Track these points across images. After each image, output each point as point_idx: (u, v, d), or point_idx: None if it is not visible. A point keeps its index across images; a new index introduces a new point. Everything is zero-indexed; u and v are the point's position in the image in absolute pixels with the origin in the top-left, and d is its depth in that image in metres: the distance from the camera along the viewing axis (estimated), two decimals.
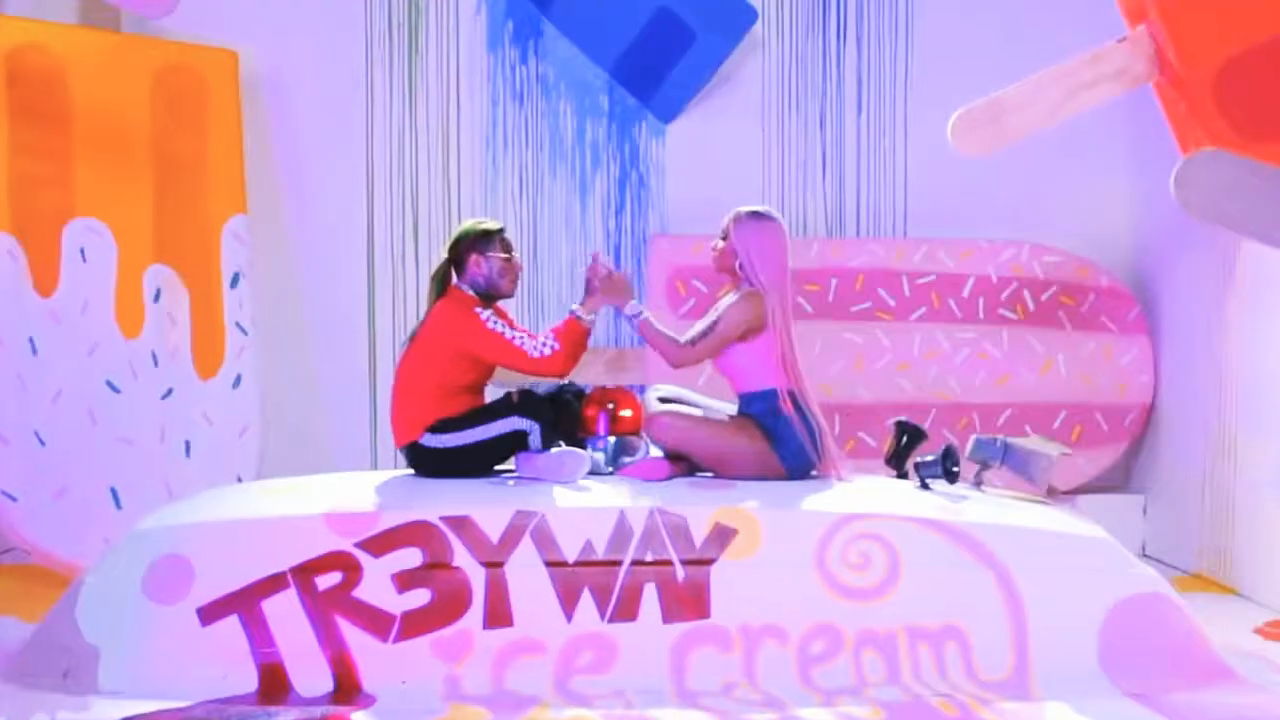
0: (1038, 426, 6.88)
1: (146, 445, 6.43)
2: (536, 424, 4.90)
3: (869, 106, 7.17)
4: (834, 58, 7.17)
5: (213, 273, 6.71)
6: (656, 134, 7.13)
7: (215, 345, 6.67)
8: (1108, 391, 6.93)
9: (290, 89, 7.04)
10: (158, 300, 6.54)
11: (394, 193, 7.09)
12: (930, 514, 4.68)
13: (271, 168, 7.01)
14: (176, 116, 6.71)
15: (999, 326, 6.94)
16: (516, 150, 7.12)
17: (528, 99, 7.13)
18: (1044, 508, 4.96)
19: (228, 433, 6.62)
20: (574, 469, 4.85)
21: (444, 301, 5.06)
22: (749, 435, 4.93)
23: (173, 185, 6.65)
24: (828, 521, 4.61)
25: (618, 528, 4.59)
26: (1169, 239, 6.94)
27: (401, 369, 5.08)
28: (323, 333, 7.01)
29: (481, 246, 5.08)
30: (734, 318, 4.95)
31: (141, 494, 6.36)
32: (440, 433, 4.94)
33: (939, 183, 7.12)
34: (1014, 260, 6.96)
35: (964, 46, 7.12)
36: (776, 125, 7.16)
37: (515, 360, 4.93)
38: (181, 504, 4.94)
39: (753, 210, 5.14)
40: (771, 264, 5.01)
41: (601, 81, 7.12)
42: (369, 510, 4.63)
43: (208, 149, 6.78)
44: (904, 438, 5.22)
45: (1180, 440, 6.84)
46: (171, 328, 6.58)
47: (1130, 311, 6.96)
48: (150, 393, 6.47)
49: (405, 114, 7.10)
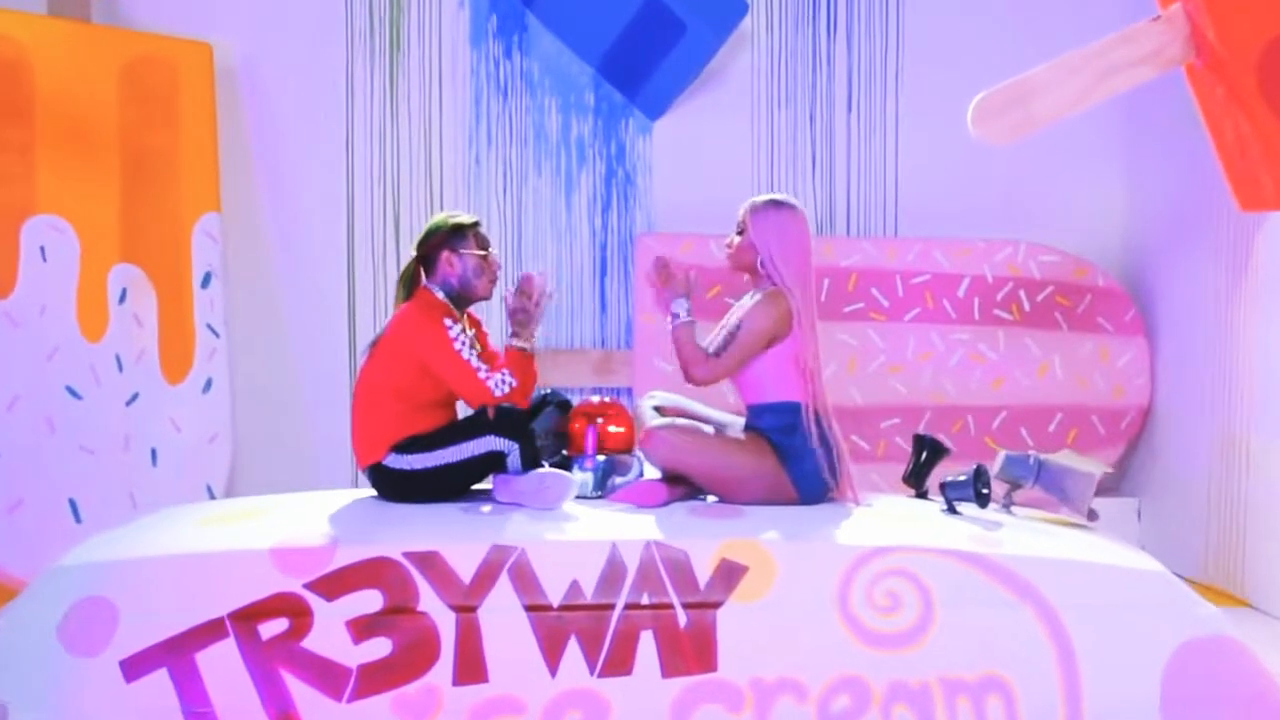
0: (1033, 429, 5.68)
1: (109, 454, 5.17)
2: (515, 444, 3.65)
3: (860, 103, 5.94)
4: (824, 53, 5.94)
5: (183, 272, 5.45)
6: (643, 131, 5.89)
7: (184, 348, 5.41)
8: (1104, 394, 5.72)
9: (268, 83, 5.77)
10: (123, 301, 5.27)
11: (375, 190, 5.83)
12: (965, 545, 3.45)
13: (248, 164, 5.75)
14: (147, 110, 5.44)
15: (994, 327, 5.72)
16: (500, 147, 5.87)
17: (512, 95, 5.88)
18: (1088, 535, 3.73)
19: (197, 440, 5.36)
20: (558, 493, 3.60)
21: (410, 305, 3.81)
22: (760, 454, 3.69)
23: (141, 181, 5.38)
24: (851, 556, 3.38)
25: (609, 565, 3.35)
26: (1164, 239, 5.73)
27: (362, 381, 3.83)
28: (300, 335, 5.73)
29: (454, 242, 3.84)
30: (759, 323, 3.72)
31: (103, 506, 5.11)
32: (406, 453, 3.70)
33: (931, 180, 5.90)
34: (1010, 260, 5.74)
35: (956, 42, 5.90)
36: (766, 122, 5.92)
37: (476, 394, 3.73)
38: (107, 536, 3.63)
39: (772, 199, 3.90)
40: (795, 258, 3.79)
41: (587, 77, 5.87)
42: (322, 544, 3.38)
43: (180, 144, 5.50)
44: (924, 453, 4.00)
45: (1180, 443, 5.64)
46: (138, 330, 5.32)
47: (1127, 312, 5.75)
48: (114, 399, 5.21)
49: (386, 110, 5.83)
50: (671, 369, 5.63)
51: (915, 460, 3.99)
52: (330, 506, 3.71)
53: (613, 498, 3.70)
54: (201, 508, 3.83)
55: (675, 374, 5.55)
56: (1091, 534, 3.74)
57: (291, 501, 3.84)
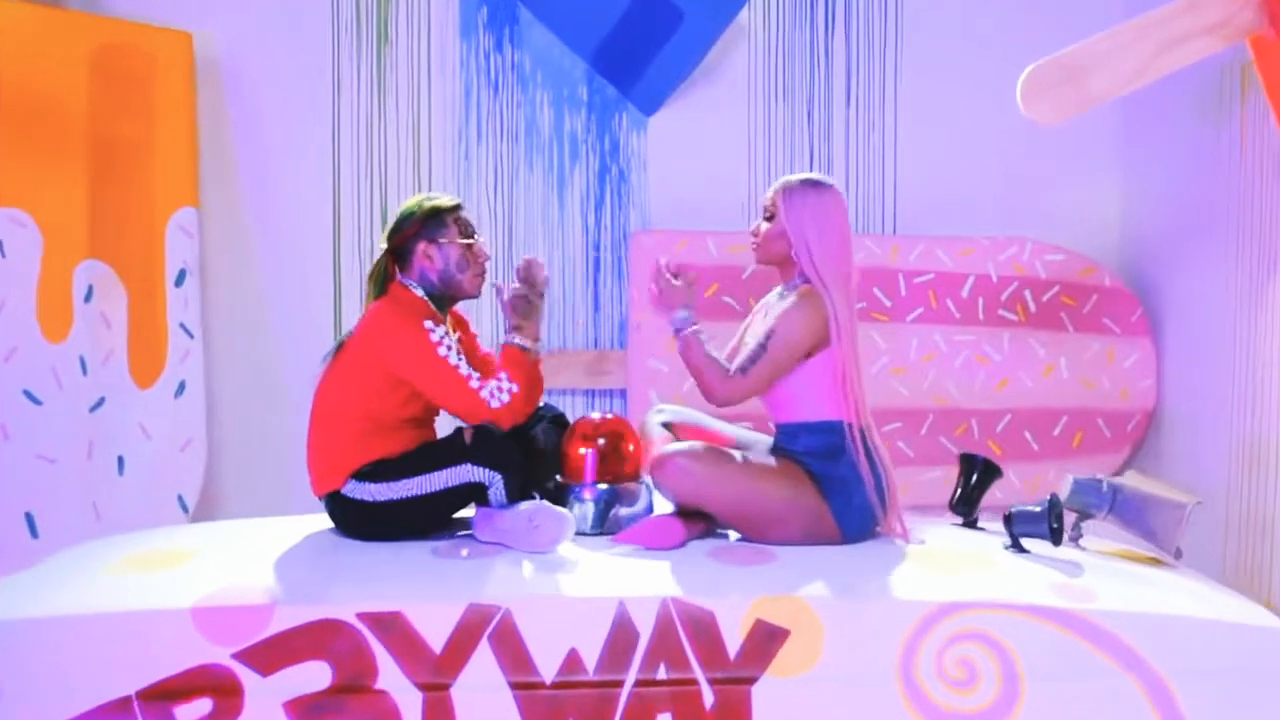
0: (1038, 433, 4.57)
1: (71, 463, 3.99)
2: (499, 474, 2.51)
3: (859, 97, 4.80)
4: (822, 48, 4.79)
5: (155, 269, 4.27)
6: (638, 126, 4.74)
7: (156, 349, 4.23)
8: (1110, 396, 4.60)
9: (251, 75, 4.58)
10: (89, 300, 4.09)
11: (361, 186, 4.65)
12: (1052, 599, 2.33)
13: (229, 158, 4.56)
14: (120, 100, 4.25)
15: (999, 328, 4.59)
16: (491, 142, 4.70)
17: (502, 89, 4.71)
18: (1181, 578, 2.60)
19: (168, 447, 4.18)
20: (552, 533, 2.45)
21: (381, 304, 2.65)
22: (796, 484, 2.54)
23: (112, 174, 4.19)
24: (916, 615, 2.25)
25: (616, 628, 2.22)
26: (1171, 236, 4.61)
27: (321, 394, 2.66)
28: (281, 337, 4.53)
29: (431, 231, 2.68)
30: (794, 332, 2.56)
31: (63, 519, 3.94)
32: (369, 481, 2.53)
33: (932, 177, 4.75)
34: (1015, 259, 4.62)
35: (957, 35, 4.77)
36: (762, 118, 4.77)
37: (468, 406, 2.54)
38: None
39: (808, 179, 2.74)
40: (835, 250, 2.63)
41: (580, 71, 4.71)
42: (257, 601, 2.23)
43: (155, 136, 4.32)
44: (974, 475, 2.88)
45: (1188, 448, 4.52)
46: (105, 330, 4.14)
47: (1133, 313, 4.63)
48: (77, 404, 4.03)
49: (374, 103, 4.66)
50: (668, 369, 4.51)
51: (964, 483, 2.88)
52: (275, 544, 2.55)
53: (619, 538, 2.54)
54: (119, 544, 2.65)
55: (672, 374, 4.41)
56: (1184, 576, 2.62)
57: (229, 536, 2.68)
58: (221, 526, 2.85)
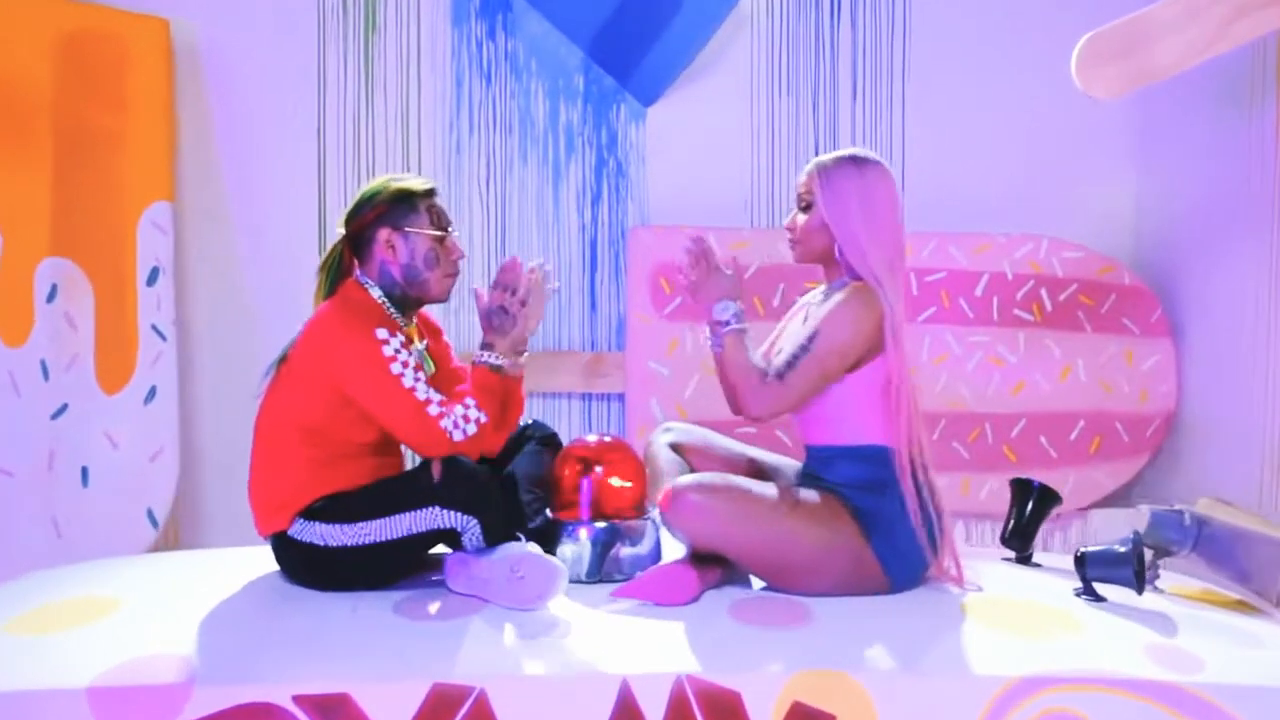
0: (1054, 437, 3.95)
1: (29, 475, 3.36)
2: (473, 519, 1.87)
3: (865, 89, 4.17)
4: (828, 36, 4.17)
5: (125, 267, 3.63)
6: (636, 118, 4.11)
7: (125, 353, 3.59)
8: (1129, 399, 3.99)
9: (233, 64, 3.94)
10: (52, 300, 3.46)
11: (348, 180, 3.99)
12: (1148, 670, 1.71)
13: (208, 151, 3.93)
14: (89, 89, 3.60)
15: (1014, 329, 3.98)
16: (483, 135, 4.07)
17: (495, 78, 4.08)
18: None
19: (137, 457, 3.54)
20: (540, 586, 1.81)
21: (328, 305, 2.01)
22: (836, 522, 1.89)
23: (80, 167, 3.56)
24: (991, 693, 1.63)
25: (619, 713, 1.61)
26: (1192, 233, 4.00)
27: (263, 414, 2.03)
28: (260, 340, 3.84)
29: (397, 217, 2.03)
30: (844, 331, 1.91)
31: (20, 537, 3.32)
32: (320, 520, 1.89)
33: (942, 172, 4.12)
34: (1031, 256, 4.00)
35: (967, 24, 4.15)
36: (766, 109, 4.14)
37: (424, 436, 1.88)
38: None
39: (846, 156, 2.11)
40: (887, 237, 2.01)
41: (576, 60, 4.08)
42: (170, 679, 1.61)
43: (128, 127, 3.67)
44: (1029, 504, 2.26)
45: (1208, 452, 3.92)
46: (70, 332, 3.50)
47: (1153, 312, 4.01)
48: (37, 411, 3.40)
49: (361, 93, 4.02)
50: (668, 372, 3.89)
51: (1017, 513, 2.26)
52: (207, 594, 1.93)
53: (621, 592, 1.91)
54: (22, 593, 2.02)
55: (672, 377, 3.80)
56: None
57: (154, 579, 2.05)
58: (149, 563, 2.22)
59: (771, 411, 1.92)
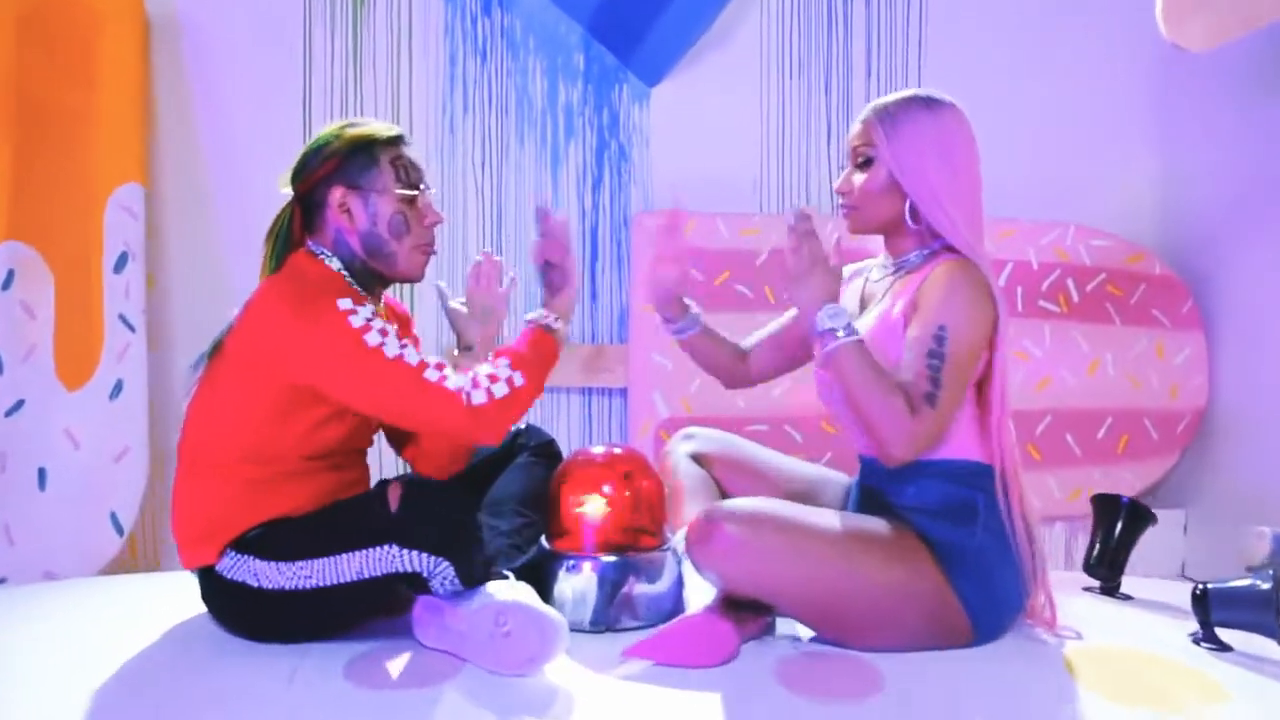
0: (1080, 435, 3.44)
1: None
2: (444, 561, 1.33)
3: (880, 68, 3.64)
4: (841, 13, 3.63)
5: (91, 253, 3.09)
6: (639, 98, 3.57)
7: (89, 344, 3.05)
8: (1159, 394, 3.47)
9: (213, 40, 3.40)
10: (9, 287, 2.93)
11: None
12: None
13: (185, 130, 3.38)
14: (57, 63, 3.07)
15: (1040, 320, 3.46)
16: (478, 116, 3.53)
17: (491, 56, 3.54)
18: None
19: (100, 458, 3.00)
20: (532, 645, 1.28)
21: (271, 281, 1.47)
22: (910, 559, 1.35)
23: (43, 146, 3.02)
24: None
25: None
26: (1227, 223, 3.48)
27: (189, 421, 1.50)
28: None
29: (353, 173, 1.48)
30: (971, 322, 1.36)
31: None
32: (254, 555, 1.34)
33: None
34: (1058, 244, 3.48)
35: (983, 2, 3.61)
36: (776, 89, 3.61)
37: (432, 409, 1.33)
38: None
39: (912, 96, 1.57)
40: (970, 199, 1.47)
41: (576, 36, 3.54)
42: None
43: (97, 104, 3.13)
44: (1118, 524, 1.74)
45: (1239, 449, 3.41)
46: (27, 322, 2.96)
47: (1184, 304, 3.50)
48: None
49: (349, 70, 3.48)
50: (672, 365, 3.34)
51: (1103, 535, 1.74)
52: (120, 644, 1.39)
53: (636, 651, 1.37)
54: None
55: (676, 371, 3.25)
56: None
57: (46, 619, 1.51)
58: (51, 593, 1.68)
59: (924, 448, 1.36)
